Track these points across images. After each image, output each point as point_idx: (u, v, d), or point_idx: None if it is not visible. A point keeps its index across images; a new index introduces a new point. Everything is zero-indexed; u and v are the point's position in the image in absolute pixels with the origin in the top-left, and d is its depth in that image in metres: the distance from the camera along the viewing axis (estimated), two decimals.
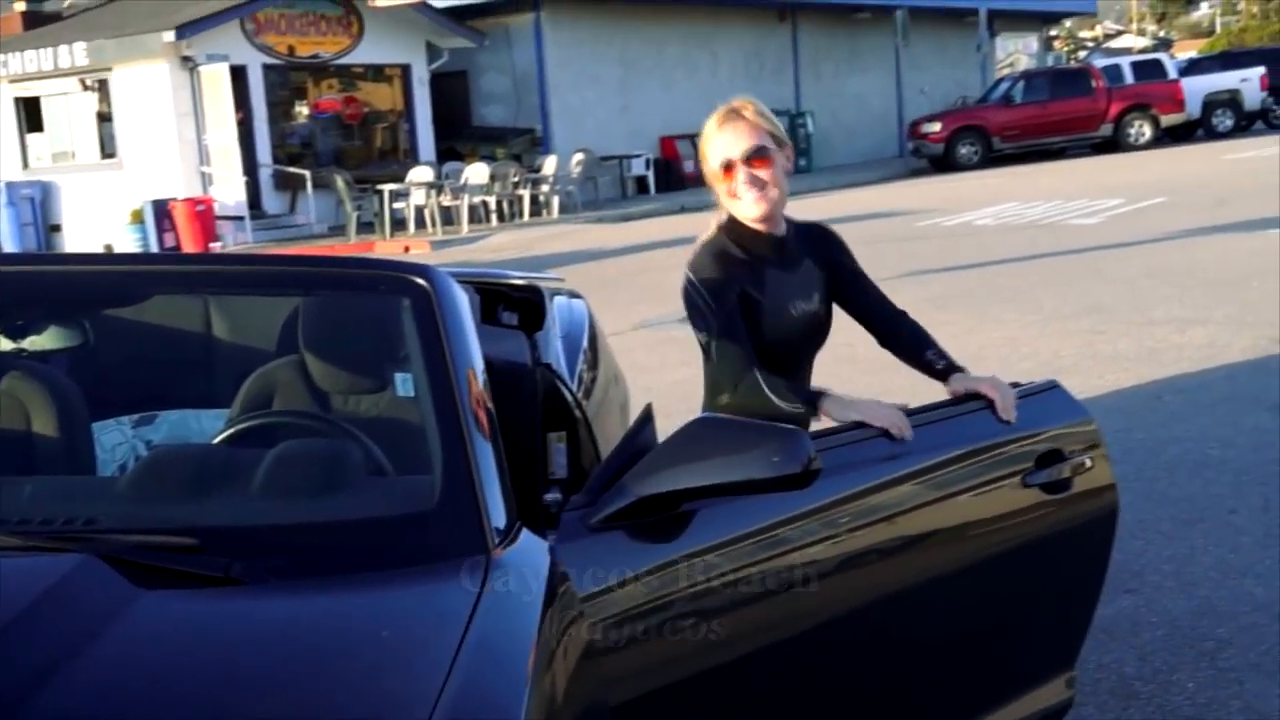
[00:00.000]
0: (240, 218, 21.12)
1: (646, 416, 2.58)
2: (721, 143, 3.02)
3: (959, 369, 3.17)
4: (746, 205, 3.00)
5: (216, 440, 2.84)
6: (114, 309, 3.24)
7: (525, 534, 2.37)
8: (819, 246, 3.21)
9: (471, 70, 26.17)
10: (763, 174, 2.98)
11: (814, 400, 2.89)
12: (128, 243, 20.41)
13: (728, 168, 2.99)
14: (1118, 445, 6.13)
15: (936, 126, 28.46)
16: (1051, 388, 3.24)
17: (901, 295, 11.38)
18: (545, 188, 23.16)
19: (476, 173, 22.09)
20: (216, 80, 21.14)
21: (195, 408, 3.30)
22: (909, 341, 3.23)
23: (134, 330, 3.33)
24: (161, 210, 20.21)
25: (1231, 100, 29.54)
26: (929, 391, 3.18)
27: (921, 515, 2.84)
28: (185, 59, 21.14)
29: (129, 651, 1.89)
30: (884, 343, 3.26)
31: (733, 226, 3.06)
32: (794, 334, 3.07)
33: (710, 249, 3.02)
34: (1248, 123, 30.06)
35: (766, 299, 3.01)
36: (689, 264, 3.01)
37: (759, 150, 2.99)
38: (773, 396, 2.87)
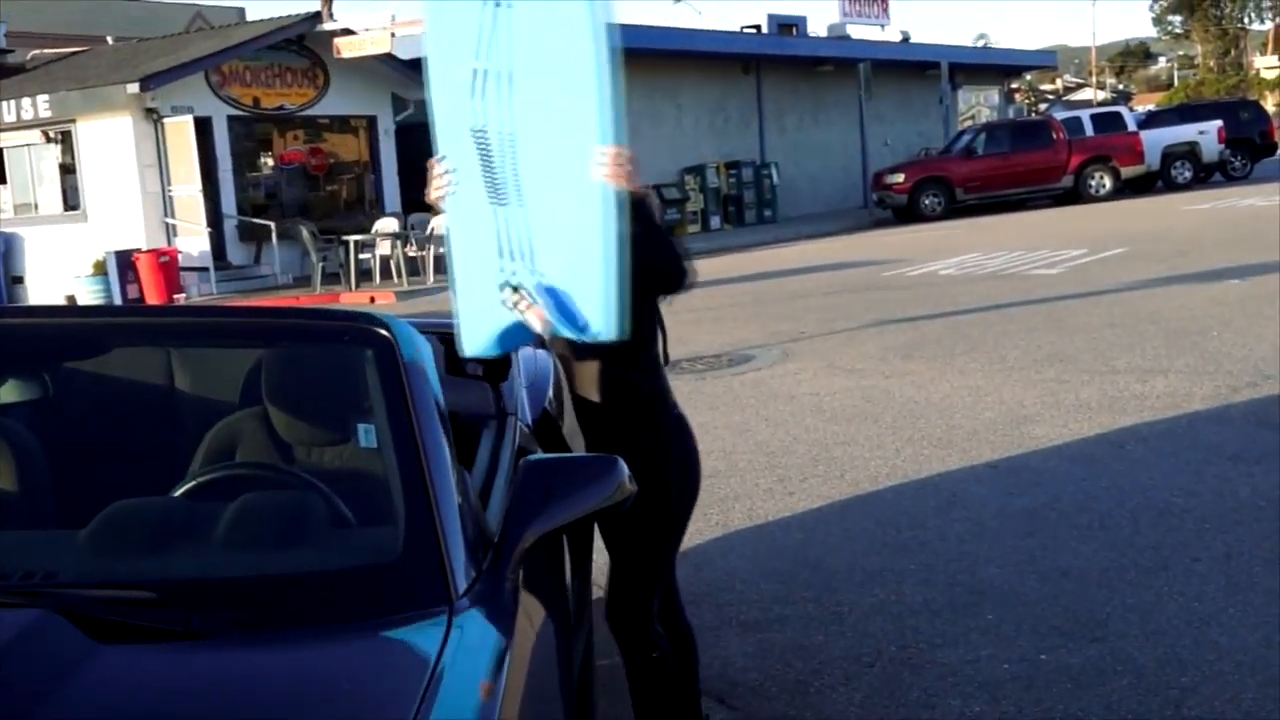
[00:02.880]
0: (205, 269, 21.04)
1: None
2: None
3: None
4: None
5: (178, 493, 2.81)
6: (75, 362, 3.21)
7: (490, 583, 2.36)
8: None
9: None
10: None
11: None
12: (90, 295, 20.27)
13: None
14: (1083, 494, 6.17)
15: (900, 178, 28.71)
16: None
17: (867, 345, 11.42)
18: None
19: (442, 223, 22.06)
20: (181, 132, 21.11)
21: (157, 461, 3.27)
22: None
23: (96, 383, 3.30)
24: (125, 262, 20.10)
25: (1190, 152, 29.92)
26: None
27: None
28: (150, 111, 21.10)
29: (87, 706, 1.86)
30: None
31: None
32: None
33: None
34: (1206, 174, 30.46)
35: None
36: None
37: None
38: None
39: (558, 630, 2.90)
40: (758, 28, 33.03)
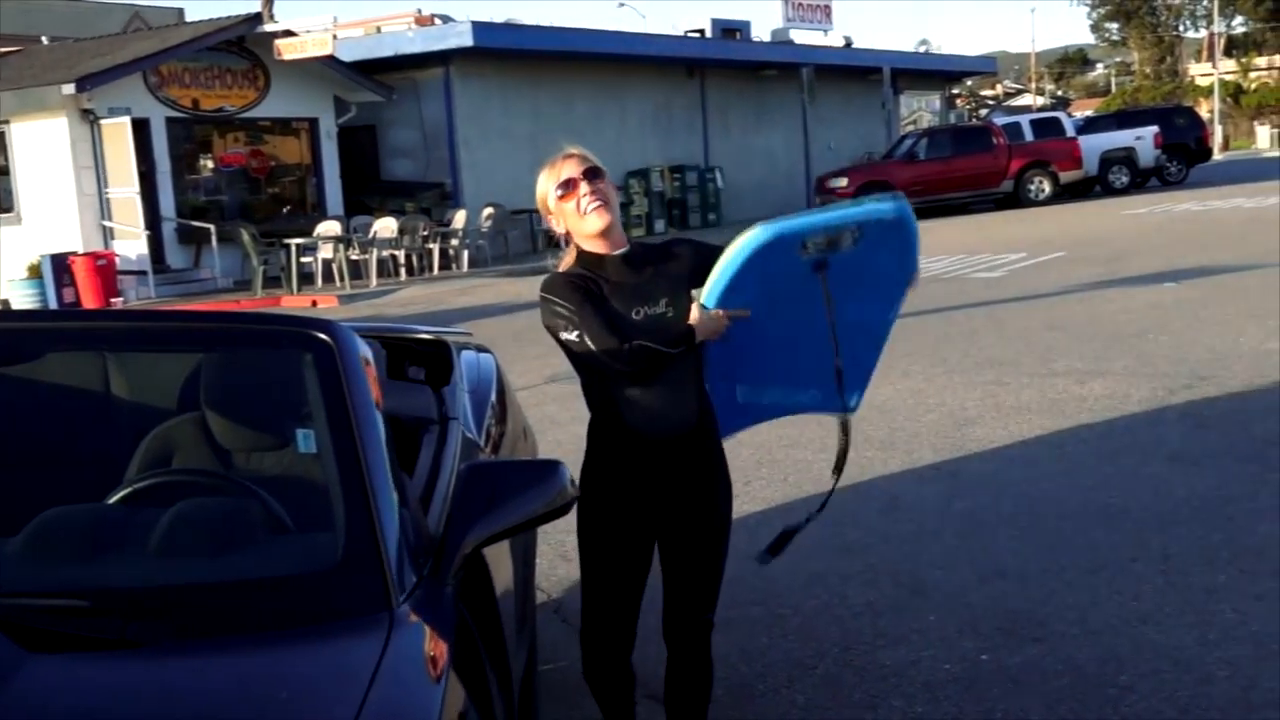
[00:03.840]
0: (143, 272, 20.79)
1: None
2: (558, 173, 3.32)
3: None
4: (590, 220, 3.27)
5: (113, 500, 2.77)
6: (8, 367, 3.16)
7: (431, 589, 2.34)
8: (668, 253, 3.41)
9: (380, 124, 26.11)
10: (603, 186, 3.30)
11: (687, 333, 3.23)
12: (24, 299, 19.98)
13: (569, 186, 3.28)
14: (1023, 495, 6.23)
15: (843, 182, 28.88)
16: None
17: None
18: (455, 241, 23.11)
19: (385, 226, 21.99)
20: (118, 133, 20.85)
21: (92, 468, 3.22)
22: None
23: (29, 388, 3.25)
24: (60, 265, 19.81)
25: (1127, 158, 30.34)
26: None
27: None
28: (86, 112, 20.83)
29: (18, 717, 1.82)
30: None
31: (578, 256, 3.34)
32: (640, 335, 3.23)
33: (557, 274, 3.33)
34: (1143, 180, 30.90)
35: (607, 306, 3.25)
36: (540, 286, 3.31)
37: (596, 170, 3.31)
38: (661, 347, 3.19)
39: (500, 635, 2.88)
40: (701, 32, 33.13)
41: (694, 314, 3.28)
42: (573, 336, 3.22)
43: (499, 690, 2.65)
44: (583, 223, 3.29)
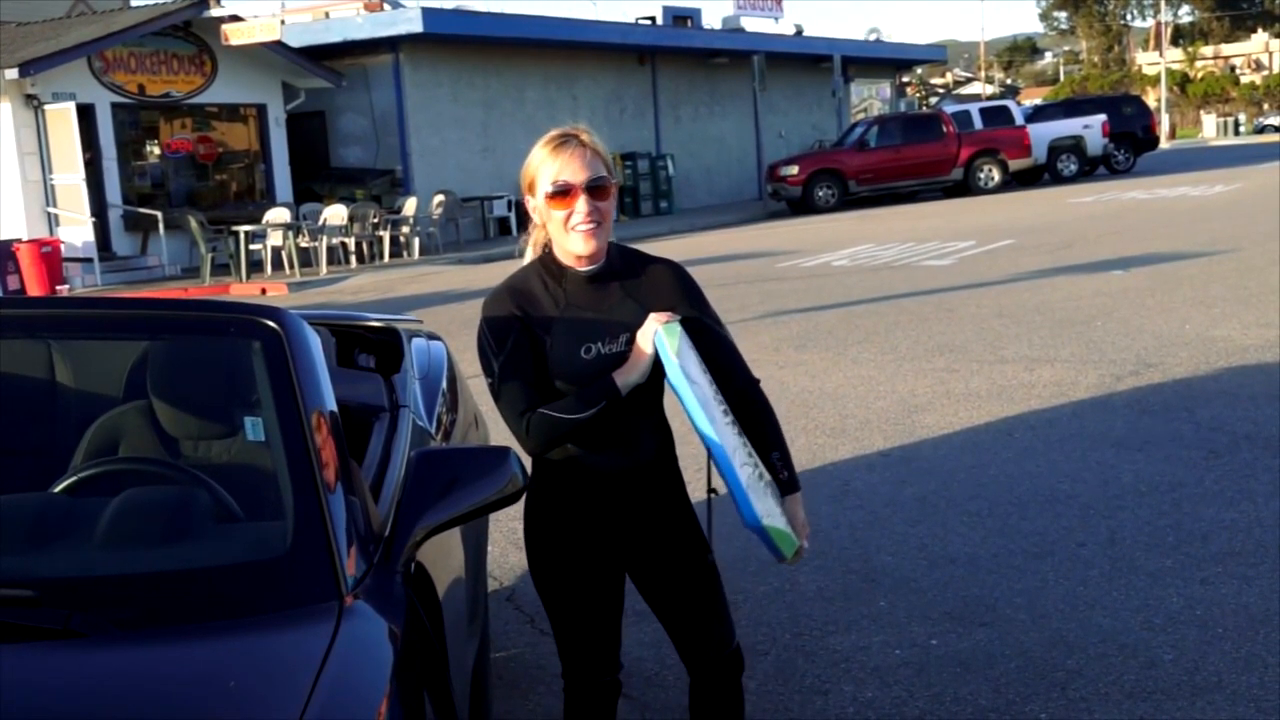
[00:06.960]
0: (89, 260, 20.57)
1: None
2: (559, 168, 2.79)
3: (796, 487, 3.00)
4: (573, 241, 2.78)
5: (58, 489, 2.74)
6: None
7: (381, 577, 2.33)
8: (647, 273, 2.92)
9: (329, 111, 25.92)
10: (603, 205, 2.78)
11: (608, 390, 2.76)
12: None
13: (565, 194, 2.76)
14: (972, 481, 6.27)
15: (794, 170, 28.98)
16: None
17: (762, 336, 11.46)
18: (406, 229, 22.99)
19: (335, 214, 21.84)
20: (63, 119, 20.60)
21: (36, 457, 3.18)
22: (754, 429, 2.94)
23: None
24: (5, 252, 19.56)
25: (1075, 146, 30.63)
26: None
27: None
28: (30, 97, 20.56)
29: None
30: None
31: (544, 258, 2.87)
32: (586, 379, 2.77)
33: (508, 284, 2.87)
34: (1090, 168, 31.21)
35: (554, 339, 2.78)
36: (485, 299, 2.88)
37: (601, 182, 2.79)
38: (563, 415, 2.73)
39: (451, 624, 2.87)
40: (653, 19, 33.11)
41: (640, 335, 2.81)
42: (489, 384, 2.80)
43: (452, 678, 2.64)
44: (565, 238, 2.79)
